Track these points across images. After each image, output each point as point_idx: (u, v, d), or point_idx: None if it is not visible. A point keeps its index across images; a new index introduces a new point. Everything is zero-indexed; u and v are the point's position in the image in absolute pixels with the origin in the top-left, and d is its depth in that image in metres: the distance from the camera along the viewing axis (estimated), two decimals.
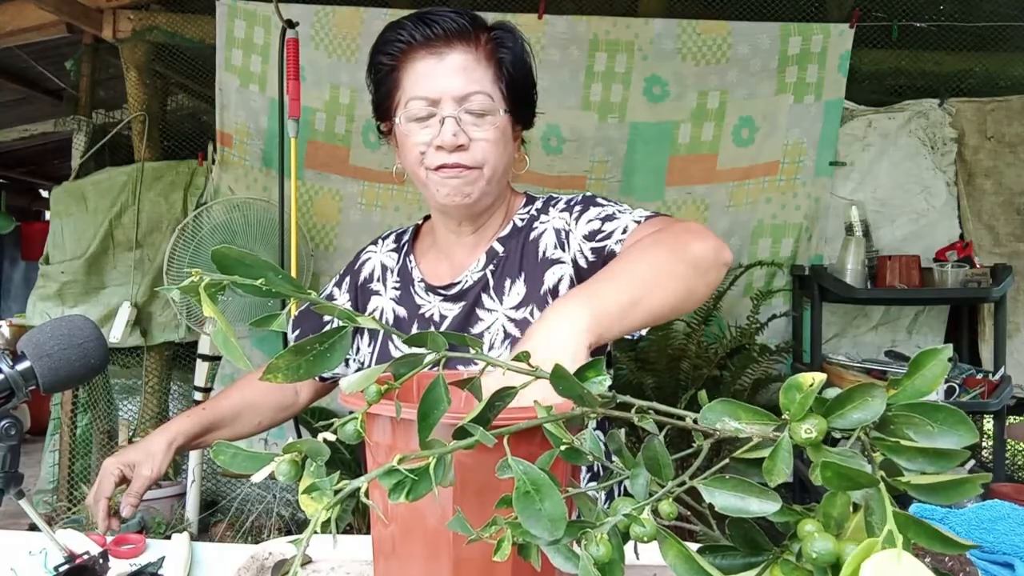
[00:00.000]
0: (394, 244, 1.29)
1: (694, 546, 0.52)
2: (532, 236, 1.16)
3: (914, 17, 3.17)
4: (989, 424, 3.34)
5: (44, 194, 7.44)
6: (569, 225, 1.13)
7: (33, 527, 1.02)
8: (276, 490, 3.19)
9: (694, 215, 3.19)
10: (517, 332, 1.11)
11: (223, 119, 3.20)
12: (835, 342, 3.27)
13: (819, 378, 0.48)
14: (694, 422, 0.53)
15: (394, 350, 1.18)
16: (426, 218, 1.30)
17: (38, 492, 3.34)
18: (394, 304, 1.22)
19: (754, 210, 3.19)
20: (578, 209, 1.14)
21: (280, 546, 0.98)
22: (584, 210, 1.13)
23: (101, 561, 0.97)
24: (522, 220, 1.19)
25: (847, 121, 3.20)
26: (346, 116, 3.17)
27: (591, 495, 0.56)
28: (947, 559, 0.78)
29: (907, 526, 0.44)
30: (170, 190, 3.23)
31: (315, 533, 0.49)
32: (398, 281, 1.24)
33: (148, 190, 3.20)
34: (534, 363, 0.59)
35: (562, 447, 0.57)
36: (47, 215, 3.73)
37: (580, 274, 1.10)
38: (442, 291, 1.18)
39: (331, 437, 0.56)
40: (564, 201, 1.17)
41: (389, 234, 1.32)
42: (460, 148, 1.07)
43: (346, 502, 0.51)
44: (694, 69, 3.11)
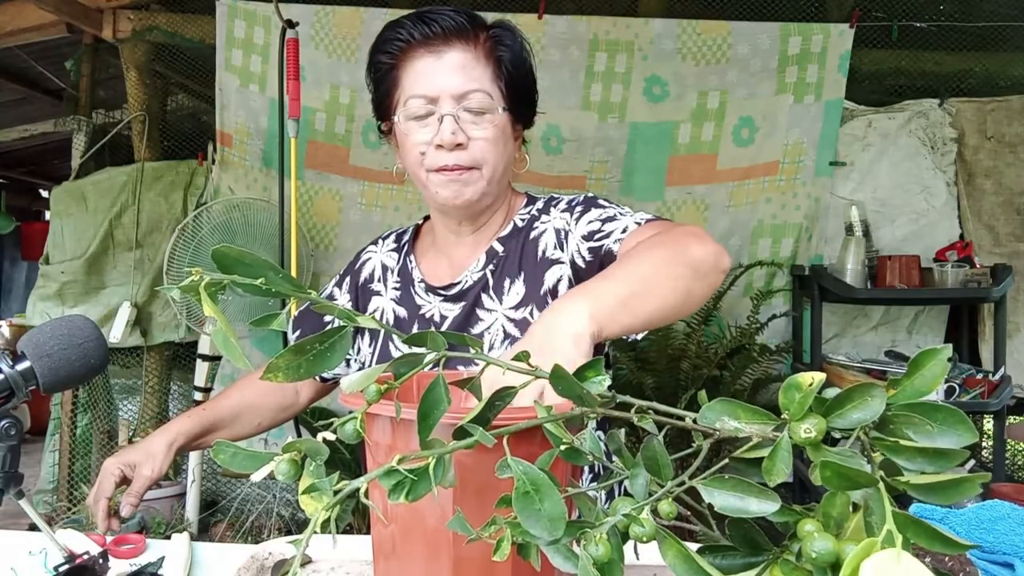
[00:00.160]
0: (394, 244, 1.29)
1: (694, 546, 0.52)
2: (532, 236, 1.16)
3: (914, 17, 3.17)
4: (989, 424, 3.34)
5: (44, 194, 7.44)
6: (569, 225, 1.13)
7: (33, 527, 1.02)
8: (276, 490, 3.19)
9: (694, 215, 3.19)
10: (517, 332, 1.11)
11: (223, 119, 3.20)
12: (835, 342, 3.27)
13: (818, 378, 0.48)
14: (694, 422, 0.53)
15: (395, 350, 1.18)
16: (426, 218, 1.29)
17: (38, 492, 3.34)
18: (394, 304, 1.22)
19: (754, 210, 3.19)
20: (579, 210, 1.13)
21: (280, 546, 0.98)
22: (585, 211, 1.13)
23: (101, 561, 0.97)
24: (522, 220, 1.18)
25: (847, 121, 3.20)
26: (346, 116, 3.17)
27: (591, 495, 0.56)
28: (947, 559, 0.78)
29: (906, 526, 0.44)
30: (170, 190, 3.23)
31: (315, 533, 0.49)
32: (398, 281, 1.23)
33: (148, 190, 3.20)
34: (535, 363, 0.59)
35: (562, 447, 0.57)
36: (47, 215, 3.74)
37: (578, 274, 1.10)
38: (442, 291, 1.18)
39: (331, 437, 0.56)
40: (565, 202, 1.17)
41: (389, 234, 1.32)
42: (459, 147, 1.06)
43: (346, 502, 0.51)
44: (694, 69, 3.11)
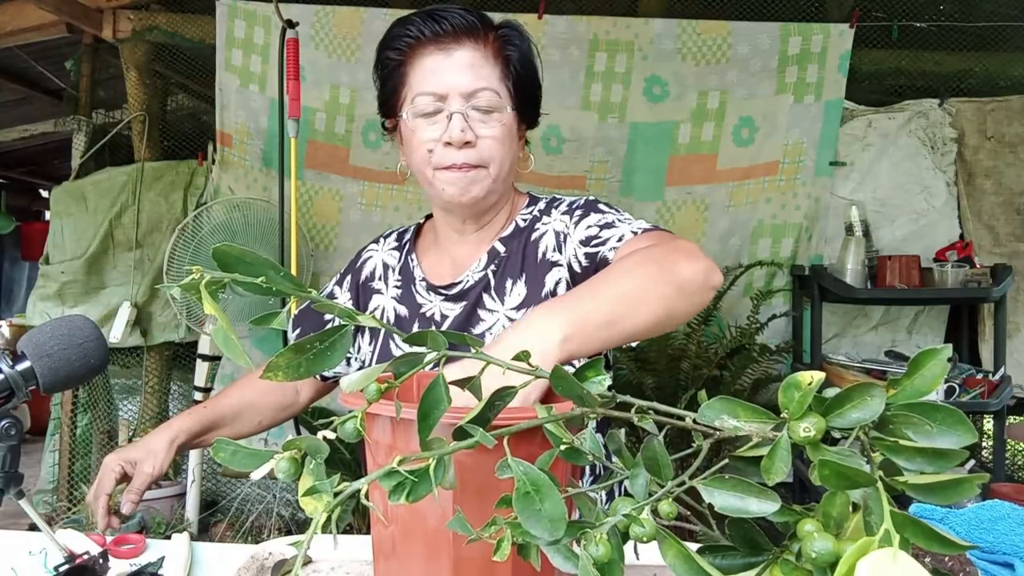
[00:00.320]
0: (396, 243, 1.29)
1: (694, 546, 0.52)
2: (533, 237, 1.16)
3: (914, 17, 3.17)
4: (989, 424, 3.34)
5: (44, 194, 7.44)
6: (568, 228, 1.13)
7: (33, 527, 1.02)
8: (276, 490, 3.19)
9: (694, 215, 3.19)
10: None
11: (223, 119, 3.20)
12: (835, 342, 3.27)
13: (817, 377, 0.48)
14: (694, 422, 0.53)
15: (395, 349, 1.18)
16: (427, 217, 1.29)
17: (38, 492, 3.34)
18: (395, 303, 1.22)
19: (754, 210, 3.19)
20: (579, 214, 1.13)
21: (280, 546, 0.98)
22: (584, 215, 1.12)
23: (101, 561, 0.97)
24: (524, 220, 1.18)
25: (847, 121, 3.20)
26: (346, 116, 3.17)
27: (591, 495, 0.56)
28: (947, 559, 0.78)
29: (905, 526, 0.44)
30: (170, 190, 3.23)
31: (315, 533, 0.49)
32: (399, 280, 1.23)
33: (148, 190, 3.20)
34: (494, 383, 0.58)
35: (562, 447, 0.57)
36: (47, 215, 3.74)
37: (574, 278, 1.10)
38: (443, 290, 1.18)
39: (331, 435, 0.56)
40: (566, 204, 1.17)
41: (391, 233, 1.32)
42: (467, 144, 1.06)
43: (346, 502, 0.51)
44: (694, 69, 3.11)
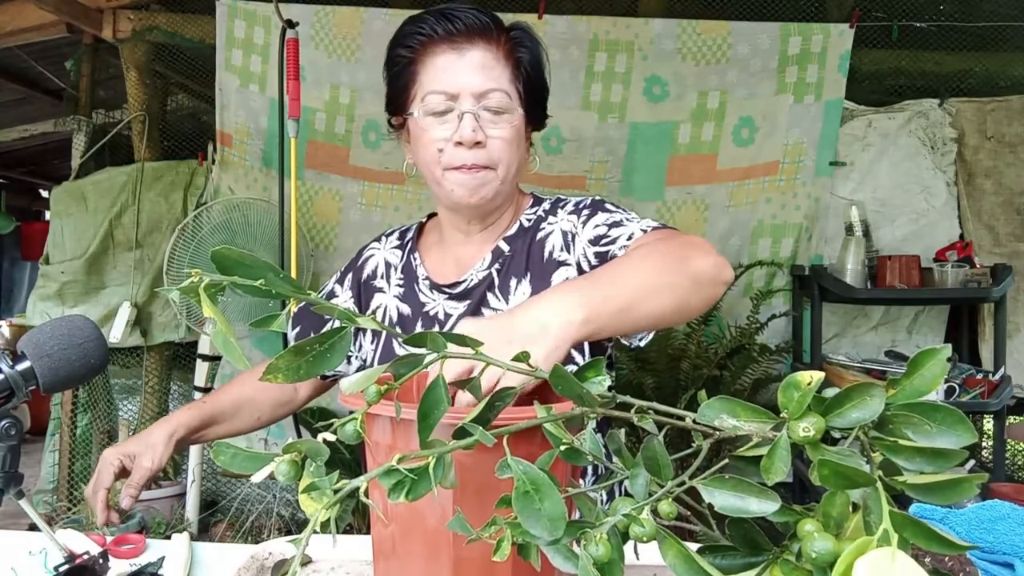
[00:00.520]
0: (398, 241, 1.29)
1: (694, 546, 0.52)
2: (539, 237, 1.16)
3: (914, 17, 3.17)
4: (989, 424, 3.34)
5: (44, 194, 7.44)
6: (576, 228, 1.13)
7: (33, 527, 1.02)
8: (276, 490, 3.19)
9: (694, 215, 3.19)
10: None
11: (223, 119, 3.20)
12: (835, 342, 3.27)
13: (817, 376, 0.48)
14: (694, 422, 0.53)
15: (398, 348, 1.18)
16: (430, 216, 1.30)
17: (38, 492, 3.34)
18: (398, 301, 1.22)
19: (754, 210, 3.19)
20: (586, 213, 1.14)
21: (280, 546, 0.98)
22: (592, 214, 1.13)
23: (101, 561, 0.97)
24: (529, 220, 1.19)
25: (847, 121, 3.19)
26: (346, 116, 3.17)
27: (591, 495, 0.56)
28: (947, 559, 0.78)
29: (904, 526, 0.44)
30: (170, 190, 3.23)
31: (315, 533, 0.49)
32: (402, 278, 1.24)
33: (148, 190, 3.20)
34: (514, 335, 0.59)
35: (562, 447, 0.57)
36: (47, 215, 3.74)
37: None
38: (447, 289, 1.18)
39: (331, 437, 0.56)
40: (573, 204, 1.18)
41: (392, 231, 1.32)
42: (478, 145, 1.07)
43: (346, 502, 0.51)
44: (694, 69, 3.11)
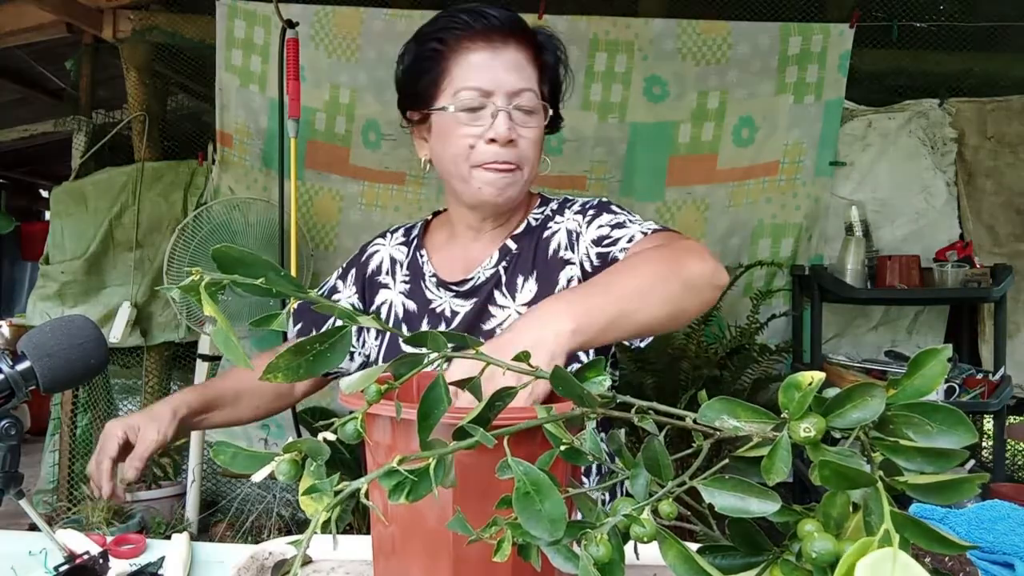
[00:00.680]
0: (403, 238, 1.29)
1: (694, 546, 0.52)
2: (545, 235, 1.17)
3: (914, 17, 3.17)
4: (989, 424, 3.34)
5: (44, 194, 7.43)
6: (581, 228, 1.15)
7: (33, 527, 1.02)
8: (276, 490, 3.20)
9: (694, 215, 3.19)
10: None
11: (223, 119, 3.20)
12: (835, 342, 3.27)
13: (818, 377, 0.48)
14: (694, 422, 0.53)
15: (404, 345, 1.18)
16: (435, 214, 1.31)
17: (38, 492, 3.34)
18: (403, 298, 1.22)
19: (754, 210, 3.19)
20: (591, 214, 1.15)
21: (280, 546, 0.98)
22: (597, 215, 1.14)
23: (101, 561, 0.97)
24: (536, 220, 1.20)
25: (847, 121, 3.19)
26: (346, 116, 3.17)
27: (592, 495, 0.56)
28: (947, 559, 0.78)
29: (905, 526, 0.44)
30: (170, 190, 3.23)
31: (315, 533, 0.49)
32: (408, 275, 1.24)
33: (148, 190, 3.20)
34: (510, 355, 0.59)
35: (562, 447, 0.57)
36: (47, 215, 3.74)
37: (586, 277, 1.11)
38: (454, 287, 1.19)
39: (331, 437, 0.56)
40: (579, 204, 1.19)
41: (397, 228, 1.33)
42: (510, 143, 1.08)
43: (346, 502, 0.51)
44: (694, 69, 3.11)
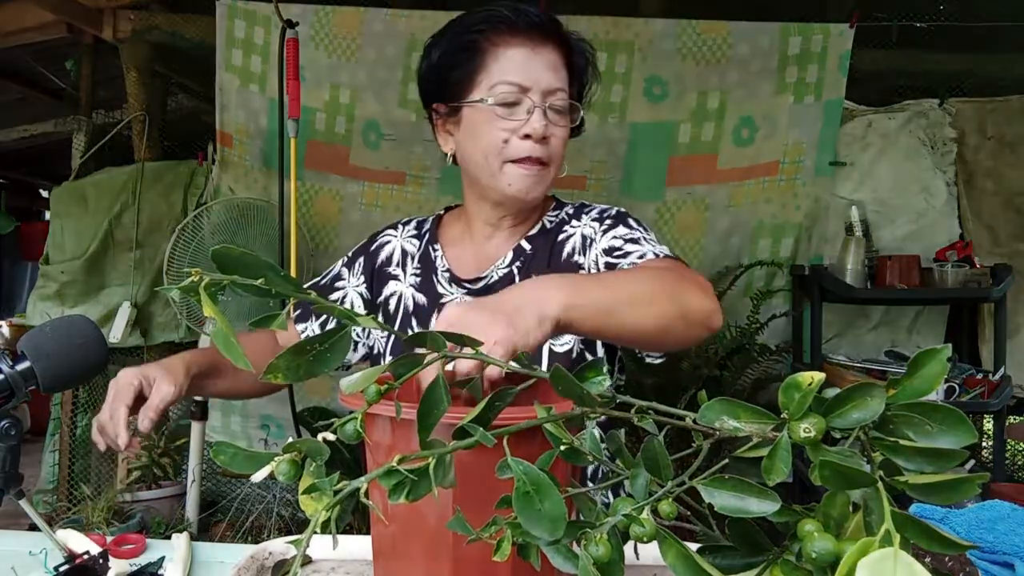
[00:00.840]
0: (415, 231, 1.30)
1: (694, 546, 0.52)
2: (560, 238, 1.19)
3: (914, 17, 3.16)
4: (989, 424, 3.34)
5: (44, 194, 7.43)
6: (595, 234, 1.16)
7: (33, 527, 1.02)
8: (276, 490, 3.19)
9: (694, 215, 3.19)
10: None
11: (223, 119, 3.20)
12: (835, 342, 3.27)
13: (818, 377, 0.48)
14: (694, 422, 0.53)
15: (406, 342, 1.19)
16: (447, 209, 1.31)
17: (38, 492, 3.34)
18: (414, 291, 1.23)
19: (754, 210, 3.19)
20: (608, 223, 1.16)
21: (280, 546, 0.98)
22: (614, 226, 1.15)
23: (101, 561, 0.97)
24: (551, 222, 1.22)
25: (847, 121, 3.19)
26: (346, 116, 3.17)
27: (592, 495, 0.56)
28: (947, 559, 0.78)
29: (905, 526, 0.44)
30: (170, 190, 3.23)
31: (315, 533, 0.49)
32: (419, 267, 1.24)
33: (148, 190, 3.20)
34: (499, 311, 0.62)
35: (562, 447, 0.57)
36: (47, 215, 3.74)
37: None
38: (467, 283, 1.20)
39: (331, 437, 0.56)
40: (597, 211, 1.20)
41: (408, 220, 1.34)
42: (543, 140, 1.09)
43: (346, 502, 0.51)
44: (694, 69, 3.11)
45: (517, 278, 1.17)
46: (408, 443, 0.64)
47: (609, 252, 1.11)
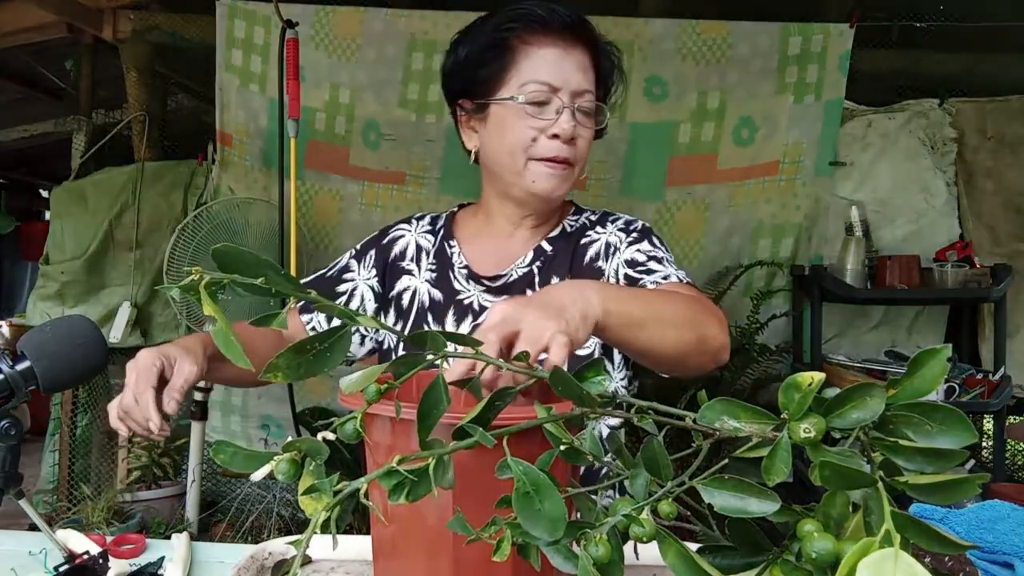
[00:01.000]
0: (429, 226, 1.30)
1: (694, 546, 0.52)
2: (583, 242, 1.20)
3: (914, 17, 3.16)
4: (989, 424, 3.34)
5: (44, 194, 7.43)
6: (621, 244, 1.17)
7: (33, 527, 1.02)
8: (276, 490, 3.19)
9: (694, 215, 3.19)
10: None
11: (223, 119, 3.20)
12: (835, 342, 3.27)
13: (818, 377, 0.48)
14: (694, 422, 0.53)
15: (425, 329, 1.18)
16: (461, 206, 1.31)
17: (38, 492, 3.34)
18: (429, 286, 1.23)
19: (754, 210, 3.18)
20: (635, 236, 1.18)
21: (280, 546, 0.98)
22: (640, 240, 1.17)
23: (101, 561, 0.97)
24: (571, 226, 1.23)
25: (847, 121, 3.19)
26: (346, 116, 3.16)
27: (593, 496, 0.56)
28: (947, 559, 0.78)
29: (906, 526, 0.44)
30: (170, 190, 3.23)
31: (315, 533, 0.49)
32: (434, 264, 1.24)
33: (148, 190, 3.20)
34: (549, 306, 0.64)
35: (562, 447, 0.57)
36: (47, 215, 3.74)
37: None
38: (487, 281, 1.20)
39: (331, 437, 0.56)
40: (623, 221, 1.22)
41: (422, 216, 1.33)
42: (571, 140, 1.10)
43: (346, 502, 0.51)
44: (694, 69, 3.11)
45: (537, 278, 1.18)
46: (408, 443, 0.64)
47: (631, 264, 1.13)
